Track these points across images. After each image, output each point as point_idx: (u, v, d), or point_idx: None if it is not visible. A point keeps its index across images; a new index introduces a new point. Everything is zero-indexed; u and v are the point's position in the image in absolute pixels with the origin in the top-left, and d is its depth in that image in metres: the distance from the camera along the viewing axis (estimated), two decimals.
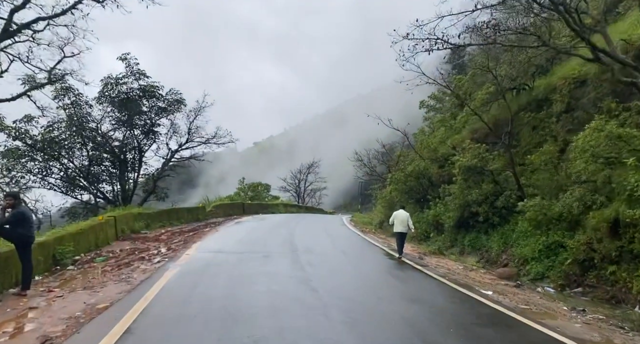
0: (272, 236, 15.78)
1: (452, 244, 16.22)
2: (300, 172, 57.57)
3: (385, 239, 17.67)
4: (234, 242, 13.58)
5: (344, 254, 12.62)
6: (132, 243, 12.83)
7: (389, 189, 20.81)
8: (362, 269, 10.26)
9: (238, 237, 15.13)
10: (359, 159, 31.63)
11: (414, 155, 21.64)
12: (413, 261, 11.72)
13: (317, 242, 14.98)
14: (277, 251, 12.11)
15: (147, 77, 20.49)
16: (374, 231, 21.36)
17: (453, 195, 15.45)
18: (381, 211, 24.43)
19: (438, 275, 9.82)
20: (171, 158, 22.06)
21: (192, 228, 17.69)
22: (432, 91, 29.92)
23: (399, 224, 13.31)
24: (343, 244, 14.99)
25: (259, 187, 40.42)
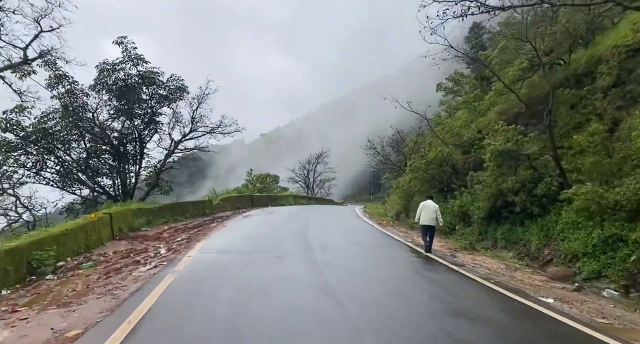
0: (283, 232, 14.44)
1: (481, 237, 14.73)
2: (309, 162, 56.13)
3: (406, 232, 16.24)
4: (242, 240, 12.25)
5: (365, 251, 11.21)
6: (130, 243, 11.55)
7: (408, 178, 19.30)
8: (389, 271, 8.85)
9: (246, 233, 13.80)
10: (372, 147, 30.02)
11: (434, 140, 20.05)
12: (445, 259, 10.28)
13: (333, 237, 13.60)
14: (289, 249, 10.75)
15: (145, 62, 19.09)
16: (391, 223, 19.93)
17: (483, 183, 13.91)
18: (397, 201, 22.97)
19: (480, 277, 8.38)
20: (174, 149, 20.75)
21: (197, 224, 16.41)
22: (450, 73, 28.27)
23: (426, 216, 11.91)
24: (361, 240, 13.60)
25: (268, 179, 39.10)
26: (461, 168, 17.45)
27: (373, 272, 8.62)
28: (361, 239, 13.65)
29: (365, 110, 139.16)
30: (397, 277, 8.24)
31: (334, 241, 12.77)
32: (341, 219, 20.75)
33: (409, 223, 20.03)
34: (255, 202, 28.98)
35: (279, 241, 12.19)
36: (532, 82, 16.25)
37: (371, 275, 8.28)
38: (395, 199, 24.61)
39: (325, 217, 21.90)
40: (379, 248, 11.76)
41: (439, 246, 12.70)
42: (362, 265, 9.29)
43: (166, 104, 20.41)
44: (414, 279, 8.15)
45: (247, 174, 38.99)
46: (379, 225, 18.39)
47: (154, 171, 20.31)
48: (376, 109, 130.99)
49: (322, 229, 15.64)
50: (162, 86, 19.96)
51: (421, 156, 18.30)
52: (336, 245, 11.82)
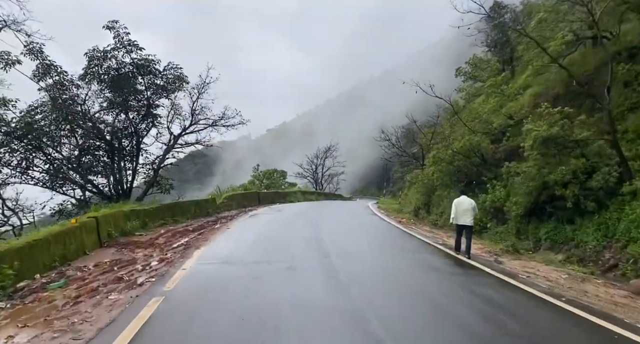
0: (294, 233, 12.80)
1: (519, 236, 12.95)
2: (317, 157, 54.39)
3: (432, 232, 14.51)
4: (248, 245, 10.62)
5: (393, 259, 9.50)
6: (118, 252, 9.97)
7: (431, 171, 17.51)
8: (429, 286, 7.13)
9: (253, 236, 12.17)
10: (386, 139, 28.16)
11: (457, 129, 18.26)
12: (491, 267, 8.56)
13: (351, 240, 11.93)
14: (302, 257, 9.10)
15: (140, 49, 17.40)
16: (412, 221, 18.19)
17: (523, 175, 12.10)
18: (416, 196, 21.19)
19: (543, 293, 6.67)
20: (174, 144, 19.12)
21: (199, 225, 14.82)
22: (462, 62, 26.39)
23: (463, 214, 10.25)
24: (385, 243, 11.91)
25: (275, 174, 37.48)
26: (491, 159, 15.63)
27: (411, 289, 6.91)
28: (384, 242, 11.96)
29: (372, 103, 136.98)
30: (442, 294, 6.53)
31: (353, 244, 11.10)
32: (356, 217, 19.06)
33: (430, 220, 18.30)
34: (262, 199, 27.39)
35: (290, 245, 10.54)
36: (572, 60, 14.35)
37: (409, 296, 6.57)
38: (413, 193, 22.83)
39: (339, 214, 20.24)
40: (409, 254, 10.04)
41: (475, 248, 10.95)
42: (394, 279, 7.59)
43: (164, 95, 18.78)
44: (462, 297, 6.44)
45: (254, 169, 37.39)
46: (399, 223, 16.68)
47: (152, 168, 18.73)
48: (384, 102, 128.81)
49: (337, 230, 13.98)
50: (159, 75, 18.31)
51: (445, 146, 16.49)
52: (357, 250, 10.14)
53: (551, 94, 14.29)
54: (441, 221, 17.27)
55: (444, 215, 17.39)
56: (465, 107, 25.54)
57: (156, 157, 18.82)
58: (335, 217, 18.77)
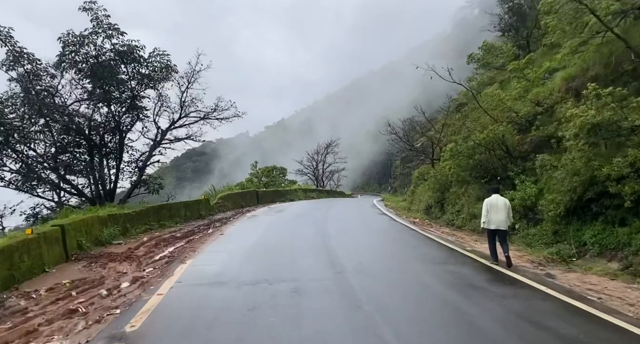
0: (298, 240, 11.09)
1: (555, 239, 11.26)
2: (317, 153, 52.61)
3: (453, 234, 12.80)
4: (244, 257, 8.92)
5: (421, 274, 7.75)
6: (86, 267, 8.25)
7: (446, 166, 15.77)
8: (482, 320, 5.41)
9: (250, 244, 10.46)
10: (393, 132, 26.36)
11: (474, 119, 16.51)
12: (544, 284, 6.85)
13: (365, 248, 10.22)
14: (311, 273, 7.39)
15: (121, 34, 15.60)
16: (427, 221, 16.49)
17: (564, 169, 10.39)
18: (428, 194, 19.47)
19: (631, 325, 4.97)
20: (162, 139, 17.34)
21: (188, 231, 13.11)
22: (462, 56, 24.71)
23: (497, 217, 8.63)
24: (404, 250, 10.18)
25: (274, 172, 35.72)
26: (516, 151, 13.91)
27: (459, 323, 5.17)
28: (404, 250, 10.23)
29: (372, 98, 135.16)
30: (502, 331, 4.81)
31: (370, 254, 9.39)
32: (365, 217, 17.35)
33: (445, 220, 16.59)
34: (260, 198, 25.67)
35: (295, 257, 8.83)
36: (610, 38, 12.59)
37: (461, 331, 4.85)
38: (424, 190, 21.11)
39: (345, 215, 18.54)
40: (438, 267, 8.31)
41: (512, 255, 9.26)
42: (431, 305, 5.85)
43: (150, 85, 16.98)
44: (530, 334, 4.72)
45: (252, 166, 35.64)
46: (413, 224, 14.98)
47: (136, 166, 16.96)
48: (384, 96, 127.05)
49: (348, 235, 12.27)
50: (144, 63, 16.51)
51: (464, 138, 14.75)
52: (375, 263, 8.43)
53: (588, 76, 12.53)
54: (458, 220, 15.58)
55: (462, 214, 15.72)
56: (477, 96, 23.83)
57: (141, 154, 17.04)
58: (342, 218, 17.07)
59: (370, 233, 12.95)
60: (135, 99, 16.65)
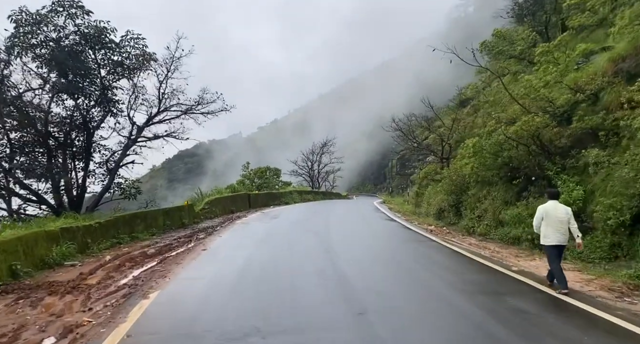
0: (300, 260, 8.95)
1: (613, 253, 9.20)
2: (312, 152, 50.43)
3: (486, 248, 10.66)
4: (229, 287, 6.74)
5: (476, 314, 5.57)
6: (9, 307, 6.00)
7: (469, 164, 13.64)
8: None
9: (237, 265, 8.27)
10: (397, 128, 24.13)
11: (486, 112, 14.51)
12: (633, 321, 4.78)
13: (385, 271, 8.07)
14: (321, 316, 5.24)
15: (87, 13, 13.33)
16: (445, 228, 14.38)
17: (628, 167, 8.34)
18: (440, 196, 17.39)
19: None
20: (137, 137, 15.05)
21: (165, 244, 10.89)
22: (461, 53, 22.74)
23: (556, 228, 6.60)
24: (438, 274, 7.96)
25: (267, 173, 33.48)
26: (552, 146, 11.85)
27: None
28: (437, 274, 7.99)
29: (367, 97, 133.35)
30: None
31: (393, 281, 7.25)
32: (372, 224, 15.23)
33: (463, 227, 14.51)
34: (253, 202, 23.45)
35: (296, 288, 6.65)
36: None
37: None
38: (434, 192, 19.03)
39: (349, 221, 16.45)
40: (489, 299, 6.15)
41: (573, 277, 7.18)
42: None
43: (124, 74, 14.71)
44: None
45: (243, 167, 33.35)
46: (429, 233, 12.87)
47: (107, 168, 14.65)
48: (379, 96, 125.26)
49: (357, 249, 10.14)
50: (116, 49, 14.24)
51: (488, 132, 12.65)
52: (405, 296, 6.27)
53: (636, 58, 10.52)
54: (480, 227, 13.45)
55: (484, 220, 13.61)
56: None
57: (113, 153, 14.75)
58: (346, 226, 14.97)
59: (385, 248, 10.81)
60: (106, 90, 14.36)
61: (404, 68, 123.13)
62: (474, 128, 19.75)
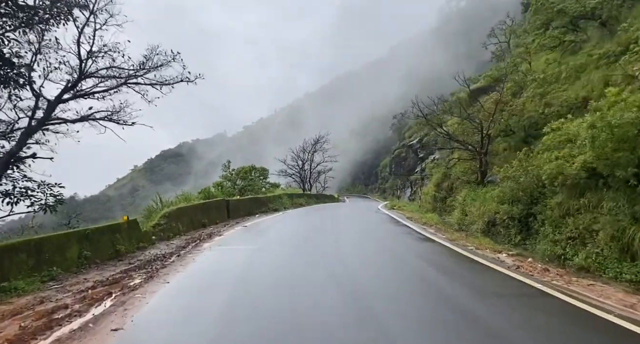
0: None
1: None
2: (304, 150, 45.34)
3: (594, 290, 5.84)
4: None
5: None
6: None
7: (575, 157, 8.71)
8: None
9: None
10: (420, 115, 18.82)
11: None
12: None
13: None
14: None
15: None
16: (540, 264, 9.41)
17: None
18: (492, 205, 12.56)
19: None
20: (48, 117, 9.77)
21: (51, 308, 5.77)
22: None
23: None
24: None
25: (252, 173, 28.31)
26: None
27: None
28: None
29: (355, 96, 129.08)
30: None
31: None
32: (407, 249, 10.19)
33: (542, 251, 9.67)
34: (233, 210, 18.30)
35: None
36: None
37: None
38: (479, 198, 14.21)
39: (366, 239, 11.50)
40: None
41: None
42: None
43: (28, 25, 9.45)
44: None
45: (223, 167, 28.01)
46: (516, 270, 7.97)
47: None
48: (369, 94, 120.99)
49: (405, 307, 5.18)
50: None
51: (611, 104, 7.78)
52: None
53: None
54: (580, 256, 8.60)
55: (588, 245, 8.77)
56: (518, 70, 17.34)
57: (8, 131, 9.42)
58: (361, 246, 10.03)
59: (456, 308, 5.83)
60: None
61: (396, 65, 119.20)
62: (524, 113, 15.04)
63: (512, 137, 15.78)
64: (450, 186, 21.03)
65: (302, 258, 8.91)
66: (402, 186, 65.40)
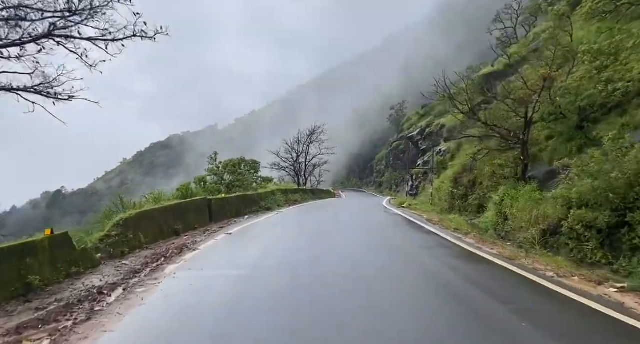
0: None
1: None
2: (298, 142, 42.09)
3: None
4: None
5: None
6: None
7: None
8: None
9: None
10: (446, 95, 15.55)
11: None
12: None
13: None
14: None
15: None
16: (624, 287, 6.46)
17: None
18: (555, 209, 9.56)
19: None
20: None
21: None
22: None
23: None
24: None
25: (242, 166, 25.09)
26: None
27: None
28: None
29: (346, 88, 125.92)
30: None
31: None
32: (442, 268, 7.19)
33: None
34: (218, 211, 15.16)
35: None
36: None
37: None
38: (530, 199, 11.21)
39: (391, 256, 8.41)
40: None
41: None
42: None
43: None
44: None
45: (210, 160, 24.71)
46: (611, 308, 5.03)
47: None
48: (364, 85, 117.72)
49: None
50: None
51: None
52: None
53: None
54: None
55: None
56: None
57: None
58: (403, 279, 6.97)
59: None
60: None
61: (392, 55, 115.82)
62: (581, 92, 12.02)
63: (561, 123, 12.78)
64: (472, 181, 18.08)
65: (312, 298, 5.83)
66: (401, 180, 62.52)
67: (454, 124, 25.94)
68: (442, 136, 37.12)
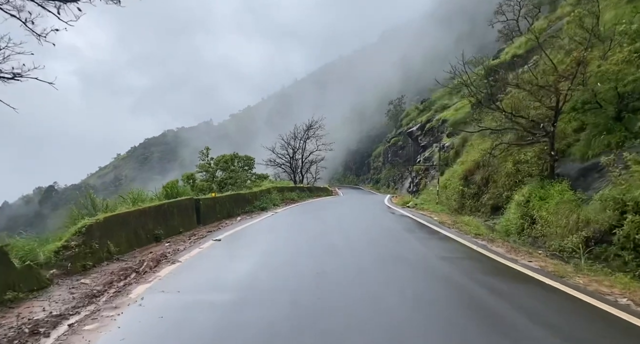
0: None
1: None
2: (295, 137, 40.44)
3: None
4: None
5: None
6: None
7: None
8: None
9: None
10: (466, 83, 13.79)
11: None
12: None
13: None
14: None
15: None
16: None
17: None
18: (605, 214, 8.06)
19: None
20: None
21: None
22: None
23: None
24: None
25: (235, 162, 23.46)
26: None
27: None
28: None
29: (343, 83, 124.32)
30: None
31: None
32: (481, 292, 5.66)
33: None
34: (205, 212, 13.58)
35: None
36: None
37: None
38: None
39: (408, 270, 6.86)
40: None
41: None
42: None
43: None
44: None
45: (201, 155, 23.04)
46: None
47: None
48: (361, 80, 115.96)
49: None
50: None
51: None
52: None
53: None
54: None
55: None
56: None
57: None
58: (435, 309, 5.43)
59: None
60: None
61: (389, 49, 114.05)
62: (622, 77, 10.53)
63: (594, 113, 11.29)
64: (486, 178, 16.60)
65: (319, 336, 4.31)
66: (399, 177, 60.90)
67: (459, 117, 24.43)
68: (444, 131, 35.61)
